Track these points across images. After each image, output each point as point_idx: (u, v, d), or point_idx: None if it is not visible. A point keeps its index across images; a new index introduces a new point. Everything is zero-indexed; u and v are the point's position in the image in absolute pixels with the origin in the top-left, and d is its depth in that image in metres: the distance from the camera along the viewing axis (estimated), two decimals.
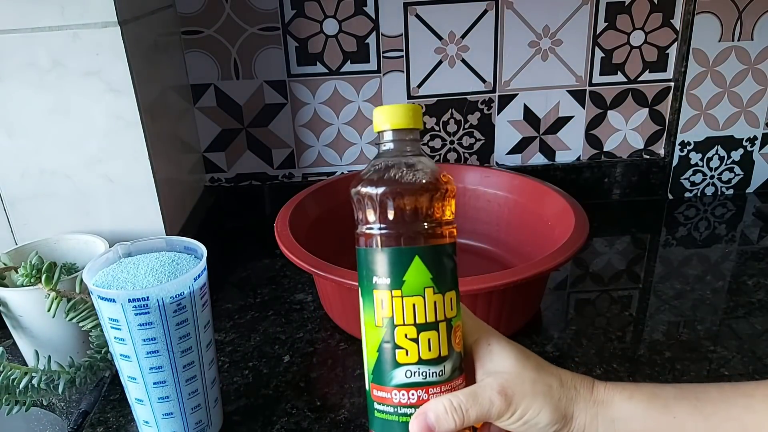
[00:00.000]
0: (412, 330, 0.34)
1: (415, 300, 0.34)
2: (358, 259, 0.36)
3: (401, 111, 0.36)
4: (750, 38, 0.87)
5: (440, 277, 0.34)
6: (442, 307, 0.35)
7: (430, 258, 0.34)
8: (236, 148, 0.90)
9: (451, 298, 0.35)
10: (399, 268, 0.34)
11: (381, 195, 0.34)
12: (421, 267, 0.34)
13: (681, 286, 0.72)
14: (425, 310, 0.34)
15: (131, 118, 0.61)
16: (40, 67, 0.59)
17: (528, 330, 0.64)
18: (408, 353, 0.34)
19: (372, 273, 0.35)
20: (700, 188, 0.97)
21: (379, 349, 0.35)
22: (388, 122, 0.36)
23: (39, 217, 0.65)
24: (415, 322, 0.34)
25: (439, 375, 0.35)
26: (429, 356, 0.34)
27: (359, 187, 0.35)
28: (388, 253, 0.34)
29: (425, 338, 0.34)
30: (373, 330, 0.35)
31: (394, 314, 0.34)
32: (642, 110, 0.93)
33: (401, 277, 0.34)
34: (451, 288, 0.35)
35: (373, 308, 0.35)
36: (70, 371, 0.54)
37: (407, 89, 0.89)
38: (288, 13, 0.83)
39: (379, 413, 0.35)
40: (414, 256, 0.34)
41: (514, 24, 0.86)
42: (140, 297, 0.42)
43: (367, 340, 0.36)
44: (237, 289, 0.75)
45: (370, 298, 0.35)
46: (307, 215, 0.72)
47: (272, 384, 0.57)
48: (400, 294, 0.34)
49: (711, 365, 0.58)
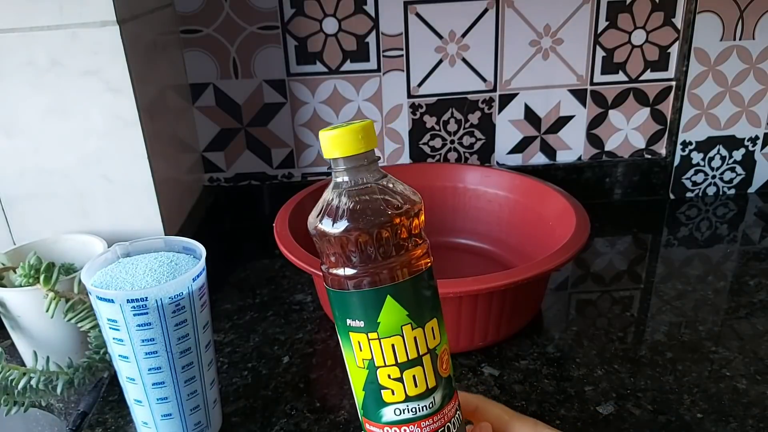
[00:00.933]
0: (395, 370, 0.32)
1: (394, 340, 0.32)
2: (329, 297, 0.33)
3: (350, 134, 0.31)
4: (752, 37, 0.87)
5: (417, 310, 0.32)
6: (423, 340, 0.32)
7: (404, 294, 0.32)
8: (235, 148, 0.90)
9: (433, 327, 0.33)
10: (371, 310, 0.32)
11: (341, 236, 0.31)
12: (395, 306, 0.32)
13: (682, 286, 0.71)
14: (405, 348, 0.32)
15: (130, 117, 0.61)
16: (38, 66, 0.59)
17: (529, 331, 0.64)
18: (394, 393, 0.33)
19: (345, 314, 0.32)
20: (701, 188, 0.97)
21: (364, 388, 0.34)
22: (338, 150, 0.31)
23: (37, 217, 0.65)
24: (397, 362, 0.32)
25: (430, 407, 0.33)
26: (416, 392, 0.33)
27: (318, 225, 0.32)
28: (358, 296, 0.32)
29: (410, 375, 0.32)
30: (356, 370, 0.34)
31: (374, 357, 0.32)
32: (643, 110, 0.93)
33: (376, 320, 0.32)
34: (431, 317, 0.33)
35: (352, 350, 0.33)
36: (68, 372, 0.53)
37: (407, 88, 0.88)
38: (287, 11, 0.83)
39: None
40: (386, 296, 0.31)
41: (515, 23, 0.85)
42: (139, 297, 0.42)
43: (353, 379, 0.34)
44: (236, 290, 0.75)
45: (348, 340, 0.33)
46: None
47: (271, 385, 0.57)
48: (376, 336, 0.32)
49: (713, 366, 0.57)
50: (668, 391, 0.54)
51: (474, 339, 0.59)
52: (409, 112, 0.90)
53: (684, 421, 0.51)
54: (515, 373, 0.57)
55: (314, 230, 0.32)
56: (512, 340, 0.62)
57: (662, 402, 0.53)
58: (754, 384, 0.55)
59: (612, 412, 0.52)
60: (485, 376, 0.57)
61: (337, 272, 0.32)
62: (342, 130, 0.31)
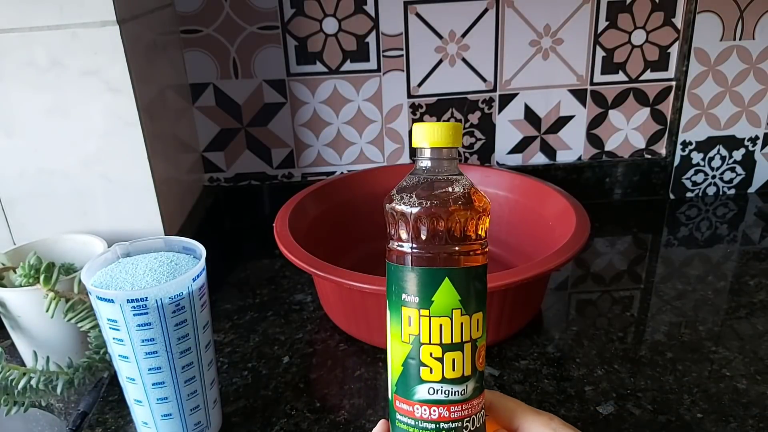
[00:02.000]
0: (437, 349, 0.35)
1: (443, 321, 0.34)
2: (387, 272, 0.36)
3: (441, 129, 0.35)
4: (752, 37, 0.87)
5: (468, 299, 0.35)
6: (469, 328, 0.35)
7: (460, 280, 0.34)
8: (235, 148, 0.90)
9: (478, 319, 0.36)
10: (429, 288, 0.34)
11: (415, 215, 0.34)
12: (451, 289, 0.34)
13: (682, 286, 0.71)
14: (452, 331, 0.35)
15: (130, 117, 0.61)
16: (38, 66, 0.59)
17: (529, 330, 0.64)
18: (432, 371, 0.35)
19: (401, 290, 0.35)
20: (701, 188, 0.97)
21: (404, 364, 0.36)
22: (427, 140, 0.35)
23: (37, 217, 0.65)
24: (441, 342, 0.35)
25: (461, 394, 0.35)
26: (452, 375, 0.35)
27: (393, 204, 0.35)
28: (419, 273, 0.34)
29: (450, 358, 0.35)
30: (399, 344, 0.36)
31: (421, 333, 0.35)
32: (643, 110, 0.93)
33: (430, 298, 0.34)
34: (478, 309, 0.35)
35: (400, 324, 0.35)
36: (68, 372, 0.53)
37: (407, 88, 0.88)
38: (287, 11, 0.83)
39: (401, 423, 0.36)
40: (444, 278, 0.34)
41: (515, 23, 0.85)
42: (139, 297, 0.42)
43: (393, 353, 0.36)
44: (236, 290, 0.75)
45: (398, 314, 0.35)
46: (307, 215, 0.71)
47: (271, 385, 0.57)
48: (428, 314, 0.34)
49: (713, 366, 0.57)
50: (668, 391, 0.54)
51: None
52: (409, 112, 0.90)
53: (684, 421, 0.51)
54: (515, 373, 0.57)
55: (391, 205, 0.35)
56: (512, 340, 0.62)
57: (662, 402, 0.53)
58: (754, 384, 0.55)
59: (612, 412, 0.52)
60: (485, 376, 0.57)
61: (403, 248, 0.35)
62: (435, 124, 0.35)
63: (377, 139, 0.91)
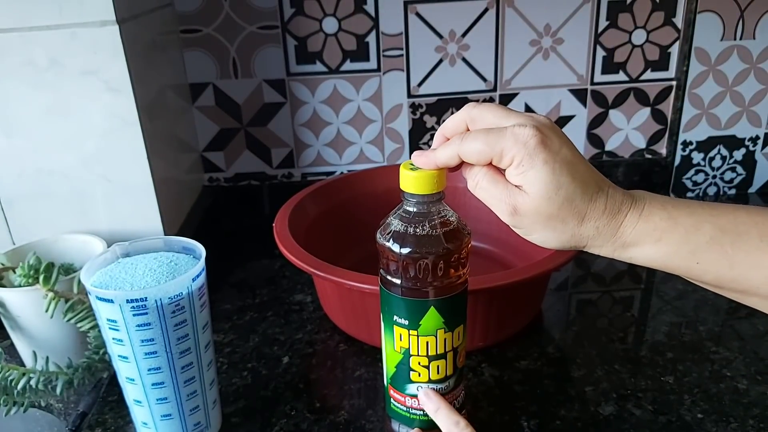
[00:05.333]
0: (424, 359, 0.41)
1: (429, 339, 0.41)
2: (381, 294, 0.42)
3: (426, 179, 0.38)
4: (752, 37, 0.87)
5: (451, 319, 0.41)
6: (451, 341, 0.41)
7: (444, 307, 0.40)
8: (235, 148, 0.90)
9: (459, 331, 0.42)
10: (417, 315, 0.40)
11: (404, 257, 0.39)
12: (436, 315, 0.40)
13: (683, 286, 0.71)
14: (437, 345, 0.41)
15: (129, 117, 0.61)
16: (37, 66, 0.59)
17: (529, 331, 0.64)
18: (420, 375, 0.42)
19: (393, 312, 0.41)
20: (702, 188, 0.97)
21: (396, 366, 0.43)
22: (413, 188, 0.39)
23: (37, 217, 0.65)
24: (428, 354, 0.41)
25: (444, 389, 0.43)
26: (437, 377, 0.42)
27: (384, 242, 0.40)
28: (408, 302, 0.40)
29: (435, 365, 0.42)
30: (392, 352, 0.43)
31: (410, 347, 0.41)
32: (644, 109, 0.93)
33: (418, 322, 0.40)
34: (459, 324, 0.42)
35: (393, 338, 0.42)
36: (68, 372, 0.53)
37: (407, 88, 0.88)
38: (287, 11, 0.83)
39: (395, 407, 0.45)
40: (429, 307, 0.40)
41: (515, 22, 0.85)
42: (138, 297, 0.42)
43: (387, 356, 0.44)
44: (236, 290, 0.75)
45: (391, 329, 0.42)
46: (307, 215, 0.71)
47: (271, 385, 0.57)
48: (416, 333, 0.41)
49: (713, 366, 0.57)
50: (669, 391, 0.54)
51: (474, 339, 0.59)
52: (409, 112, 0.90)
53: (684, 422, 0.50)
54: (516, 373, 0.57)
55: (383, 243, 0.40)
56: (513, 341, 0.62)
57: (663, 402, 0.53)
58: (755, 384, 0.54)
59: (612, 412, 0.52)
60: (486, 377, 0.57)
61: (394, 281, 0.40)
62: (421, 174, 0.38)
63: (377, 139, 0.91)
